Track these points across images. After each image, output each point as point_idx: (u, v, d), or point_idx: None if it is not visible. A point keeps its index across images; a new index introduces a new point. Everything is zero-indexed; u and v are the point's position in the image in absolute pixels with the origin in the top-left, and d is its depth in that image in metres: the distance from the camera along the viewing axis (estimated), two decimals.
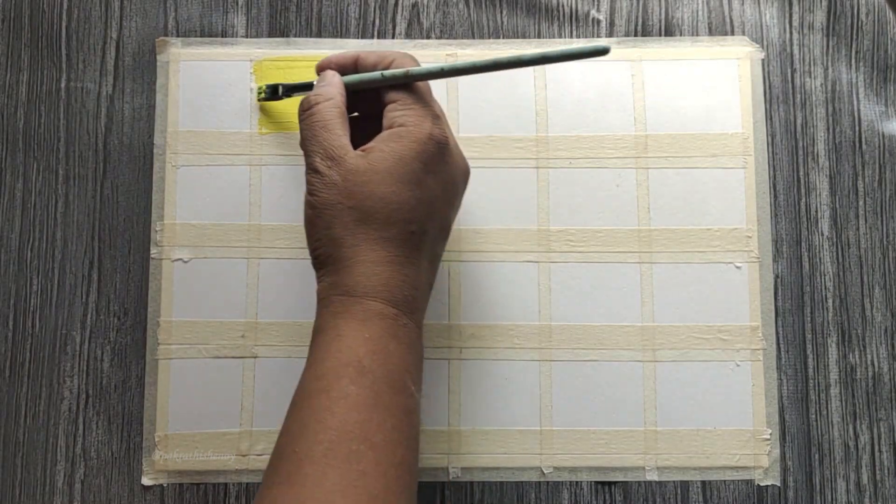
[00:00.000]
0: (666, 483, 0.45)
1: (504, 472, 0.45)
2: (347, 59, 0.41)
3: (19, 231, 0.47)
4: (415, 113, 0.38)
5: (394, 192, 0.36)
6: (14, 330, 0.46)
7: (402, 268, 0.36)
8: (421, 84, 0.39)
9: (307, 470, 0.32)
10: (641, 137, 0.47)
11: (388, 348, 0.35)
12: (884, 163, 0.48)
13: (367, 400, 0.34)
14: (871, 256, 0.47)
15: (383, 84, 0.39)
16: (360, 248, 0.36)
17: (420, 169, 0.37)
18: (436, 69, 0.38)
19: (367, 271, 0.36)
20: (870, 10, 0.49)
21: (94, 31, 0.48)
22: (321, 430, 0.33)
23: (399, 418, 0.34)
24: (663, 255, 0.46)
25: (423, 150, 0.37)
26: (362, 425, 0.33)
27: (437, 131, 0.37)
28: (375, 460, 0.33)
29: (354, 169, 0.36)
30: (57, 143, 0.48)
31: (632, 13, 0.49)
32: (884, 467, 0.45)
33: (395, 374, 0.35)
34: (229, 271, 0.46)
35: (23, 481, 0.45)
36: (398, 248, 0.36)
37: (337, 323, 0.36)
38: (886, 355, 0.46)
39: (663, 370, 0.46)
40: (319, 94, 0.39)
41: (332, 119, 0.38)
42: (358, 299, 0.36)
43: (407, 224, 0.36)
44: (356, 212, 0.36)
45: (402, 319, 0.36)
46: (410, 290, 0.37)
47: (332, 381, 0.34)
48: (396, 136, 0.37)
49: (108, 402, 0.46)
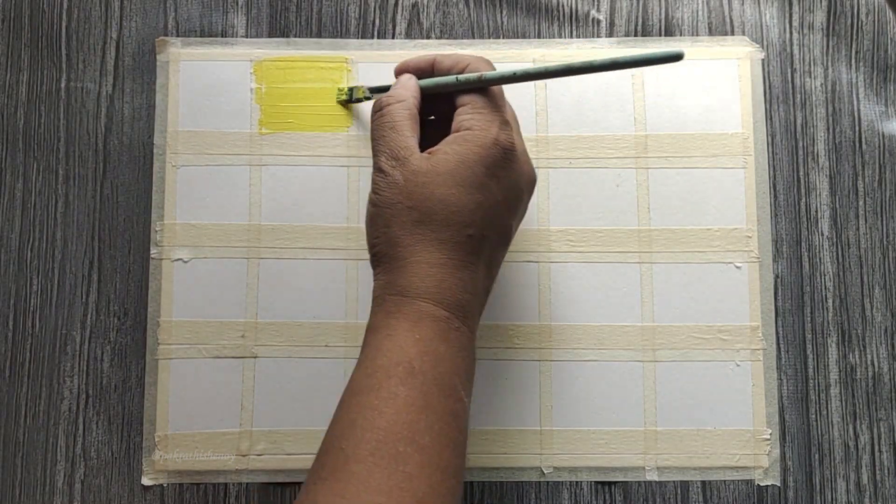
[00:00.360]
0: (666, 483, 0.45)
1: (504, 472, 0.45)
2: (424, 62, 0.41)
3: (19, 231, 0.47)
4: (483, 117, 0.37)
5: (453, 194, 0.36)
6: (14, 330, 0.46)
7: (456, 271, 0.36)
8: (494, 88, 0.39)
9: (353, 468, 0.32)
10: (641, 137, 0.47)
11: (438, 350, 0.35)
12: (884, 163, 0.48)
13: (416, 401, 0.34)
14: (871, 256, 0.47)
15: (457, 88, 0.39)
16: (416, 249, 0.36)
17: (483, 173, 0.36)
18: (508, 74, 0.38)
19: (422, 272, 0.36)
20: (870, 10, 0.49)
21: (94, 31, 0.49)
22: (369, 429, 0.33)
23: (447, 422, 0.34)
24: (663, 255, 0.46)
25: (488, 155, 0.37)
26: (410, 427, 0.33)
27: (504, 136, 0.37)
28: (422, 463, 0.32)
29: (417, 170, 0.36)
30: (57, 143, 0.48)
31: (632, 13, 0.49)
32: (884, 467, 0.45)
33: (445, 378, 0.35)
34: (229, 271, 0.46)
35: (23, 481, 0.45)
36: (454, 251, 0.36)
37: (389, 322, 0.36)
38: (886, 355, 0.46)
39: (663, 370, 0.46)
40: (392, 96, 0.39)
41: (402, 120, 0.38)
42: (411, 300, 0.36)
43: (465, 227, 0.36)
44: (415, 212, 0.36)
45: (454, 323, 0.36)
46: (464, 293, 0.36)
47: (382, 380, 0.34)
48: (462, 140, 0.37)
49: (108, 402, 0.46)
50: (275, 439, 0.45)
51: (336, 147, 0.47)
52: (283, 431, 0.45)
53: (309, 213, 0.47)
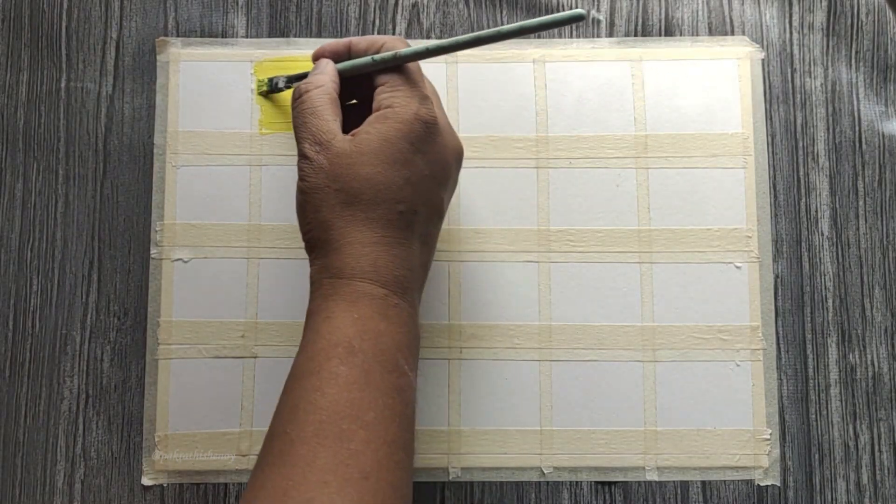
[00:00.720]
0: (666, 483, 0.45)
1: (504, 472, 0.45)
2: (340, 45, 0.41)
3: (19, 231, 0.47)
4: (402, 94, 0.38)
5: (379, 172, 0.36)
6: (14, 330, 0.46)
7: (390, 248, 0.36)
8: (411, 65, 0.39)
9: (299, 450, 0.32)
10: (641, 137, 0.47)
11: (378, 328, 0.35)
12: (884, 163, 0.48)
13: (357, 379, 0.34)
14: (871, 256, 0.47)
15: (374, 68, 0.39)
16: (348, 230, 0.36)
17: (407, 149, 0.37)
18: (421, 49, 0.38)
19: (356, 252, 0.36)
20: (870, 10, 0.49)
21: (94, 31, 0.49)
22: (312, 411, 0.33)
23: (391, 396, 0.34)
24: (663, 255, 0.46)
25: (410, 131, 0.37)
26: (353, 404, 0.33)
27: (425, 111, 0.37)
28: (366, 439, 0.33)
29: (341, 152, 0.36)
30: (57, 143, 0.48)
31: (632, 13, 0.49)
32: (884, 467, 0.45)
33: (387, 354, 0.35)
34: (229, 271, 0.46)
35: (23, 481, 0.45)
36: (386, 228, 0.36)
37: (327, 305, 0.36)
38: (886, 355, 0.46)
39: (663, 370, 0.46)
40: (310, 82, 0.39)
41: (322, 105, 0.38)
42: (347, 280, 0.36)
43: (394, 204, 0.36)
44: (343, 194, 0.36)
45: (392, 299, 0.36)
46: (400, 270, 0.37)
47: (322, 362, 0.34)
48: (383, 118, 0.37)
49: (108, 402, 0.46)
50: None
51: None
52: None
53: None
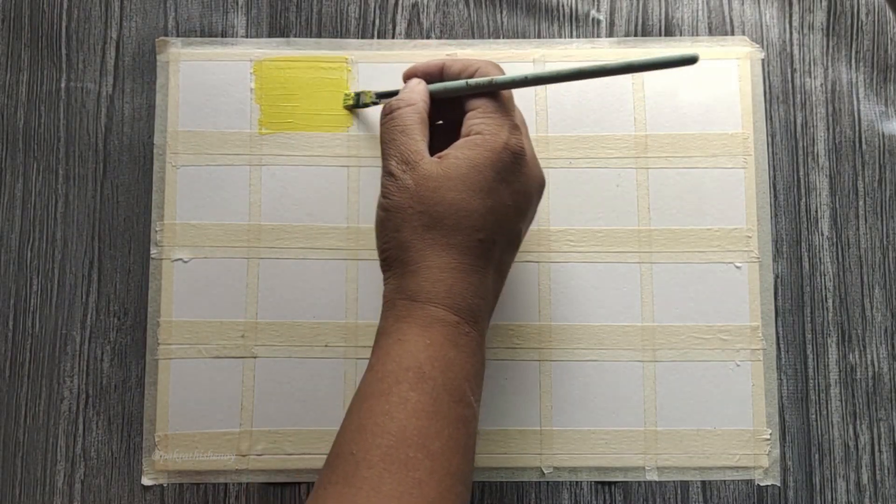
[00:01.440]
0: (666, 483, 0.45)
1: (504, 472, 0.45)
2: (433, 67, 0.41)
3: (19, 231, 0.47)
4: (493, 121, 0.37)
5: (464, 199, 0.36)
6: (14, 330, 0.46)
7: (467, 275, 0.36)
8: (504, 93, 0.39)
9: (364, 473, 0.32)
10: (641, 137, 0.47)
11: (448, 356, 0.35)
12: (884, 163, 0.48)
13: (426, 407, 0.34)
14: (871, 256, 0.47)
15: (467, 92, 0.39)
16: (427, 254, 0.36)
17: (493, 178, 0.36)
18: (519, 78, 0.38)
19: (432, 277, 0.36)
20: (870, 10, 0.49)
21: (94, 31, 0.49)
22: (379, 434, 0.33)
23: (457, 427, 0.34)
24: (663, 255, 0.46)
25: (498, 160, 0.37)
26: (420, 432, 0.33)
27: (514, 141, 0.37)
28: (431, 469, 0.32)
29: (427, 174, 0.36)
30: (57, 143, 0.48)
31: (632, 13, 0.49)
32: (884, 467, 0.45)
33: (455, 383, 0.35)
34: (229, 271, 0.46)
35: (23, 481, 0.45)
36: (464, 255, 0.36)
37: (400, 327, 0.36)
38: (886, 355, 0.46)
39: (663, 370, 0.46)
40: (401, 100, 0.39)
41: (412, 124, 0.38)
42: (421, 304, 0.36)
43: (475, 232, 0.36)
44: (425, 217, 0.36)
45: (464, 327, 0.36)
46: (475, 298, 0.36)
47: (392, 385, 0.34)
48: (472, 144, 0.37)
49: (108, 402, 0.46)
50: (275, 439, 0.45)
51: (336, 147, 0.47)
52: (283, 431, 0.45)
53: (309, 213, 0.47)
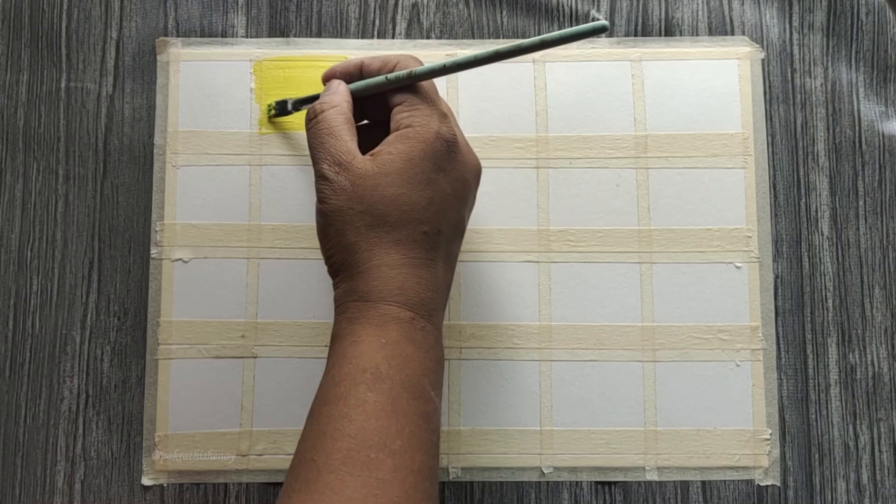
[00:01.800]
0: (666, 483, 0.45)
1: (504, 472, 0.45)
2: (351, 66, 0.40)
3: (19, 231, 0.47)
4: (421, 113, 0.37)
5: (403, 193, 0.36)
6: (14, 330, 0.46)
7: (417, 270, 0.36)
8: (426, 84, 0.38)
9: (326, 478, 0.32)
10: (641, 137, 0.47)
11: (405, 353, 0.35)
12: (884, 163, 0.48)
13: (385, 406, 0.33)
14: (871, 256, 0.47)
15: (388, 87, 0.39)
16: (374, 253, 0.36)
17: (430, 168, 0.36)
18: (438, 66, 0.38)
19: (382, 275, 0.35)
20: (870, 10, 0.49)
21: (94, 31, 0.49)
22: (339, 438, 0.33)
23: (418, 424, 0.34)
24: (663, 255, 0.46)
25: (432, 150, 0.36)
26: (380, 432, 0.33)
27: (445, 129, 0.37)
28: (394, 468, 0.32)
29: (363, 173, 0.36)
30: (57, 143, 0.48)
31: (632, 13, 0.49)
32: (884, 467, 0.45)
33: (414, 379, 0.35)
34: (229, 271, 0.46)
35: (23, 481, 0.45)
36: (412, 249, 0.36)
37: (353, 329, 0.35)
38: (886, 355, 0.46)
39: (663, 370, 0.46)
40: (324, 102, 0.39)
41: (338, 125, 0.37)
42: (373, 304, 0.35)
43: (419, 225, 0.36)
44: (367, 216, 0.36)
45: (419, 322, 0.36)
46: (427, 291, 0.36)
47: (350, 388, 0.34)
48: (404, 138, 0.37)
49: (108, 402, 0.46)
50: (275, 439, 0.45)
51: None
52: (283, 431, 0.45)
53: (309, 213, 0.47)
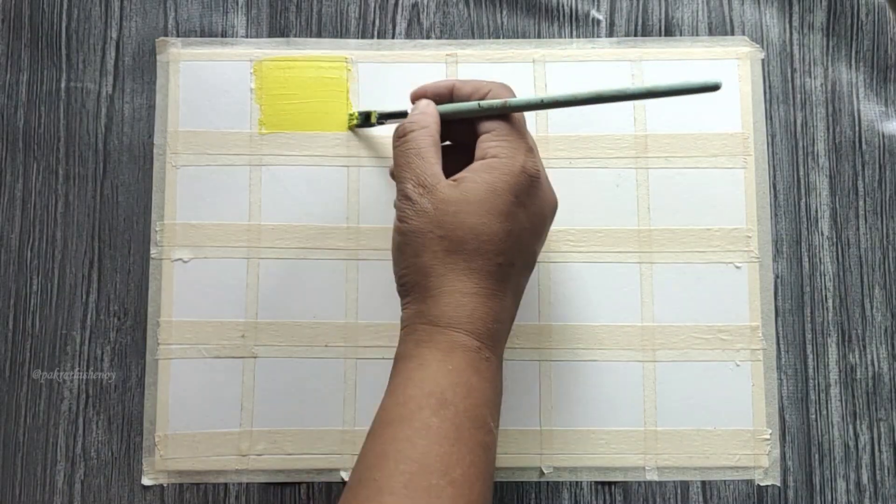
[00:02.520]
0: (666, 483, 0.45)
1: (504, 472, 0.45)
2: (442, 87, 0.40)
3: (19, 231, 0.47)
4: (509, 145, 0.37)
5: (484, 223, 0.36)
6: (14, 330, 0.46)
7: (487, 300, 0.36)
8: (516, 115, 0.39)
9: (386, 500, 0.32)
10: (641, 137, 0.47)
11: (470, 382, 0.35)
12: (884, 163, 0.48)
13: (448, 433, 0.33)
14: (871, 256, 0.47)
15: (479, 115, 0.38)
16: (448, 278, 0.36)
17: (512, 202, 0.36)
18: (534, 101, 0.38)
19: (454, 302, 0.36)
20: (870, 10, 0.49)
21: (94, 31, 0.49)
22: (401, 461, 0.33)
23: (478, 454, 0.34)
24: (663, 255, 0.46)
25: (516, 183, 0.36)
26: (443, 459, 0.33)
27: (531, 164, 0.37)
28: (453, 496, 0.32)
29: (446, 198, 0.36)
30: (57, 143, 0.48)
31: (632, 13, 0.49)
32: (884, 467, 0.45)
33: (476, 409, 0.35)
34: (229, 271, 0.46)
35: (23, 481, 0.45)
36: (485, 280, 0.36)
37: (420, 352, 0.35)
38: (886, 355, 0.46)
39: (663, 370, 0.46)
40: (414, 122, 0.39)
41: (426, 147, 0.38)
42: (442, 329, 0.35)
43: (496, 256, 0.36)
44: (446, 241, 0.36)
45: (484, 353, 0.36)
46: (494, 323, 0.36)
47: (414, 411, 0.34)
48: (489, 168, 0.37)
49: (108, 402, 0.46)
50: (275, 439, 0.45)
51: (336, 147, 0.47)
52: (283, 431, 0.45)
53: (309, 213, 0.47)
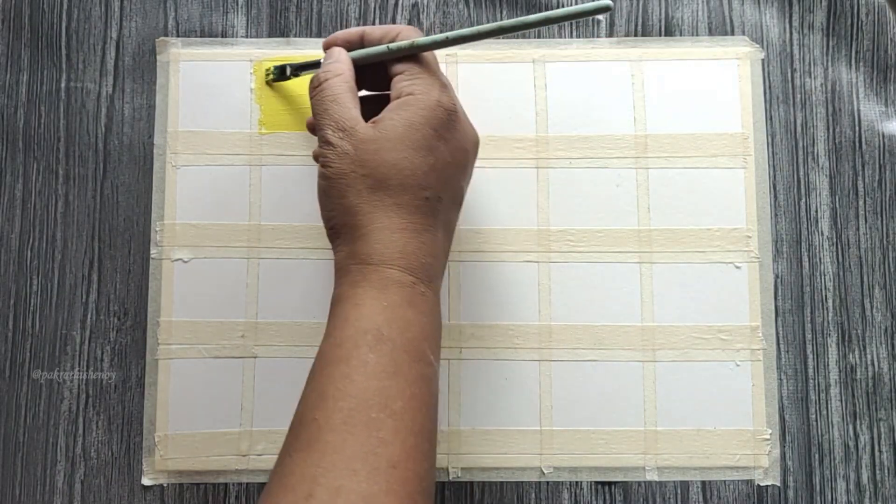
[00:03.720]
0: (666, 483, 0.45)
1: (504, 472, 0.45)
2: (353, 34, 0.41)
3: (19, 231, 0.47)
4: (422, 81, 0.38)
5: (405, 157, 0.36)
6: (14, 330, 0.46)
7: (418, 235, 0.36)
8: (427, 55, 0.39)
9: (327, 437, 0.32)
10: (641, 137, 0.47)
11: (406, 316, 0.35)
12: (884, 163, 0.48)
13: (386, 368, 0.34)
14: (871, 256, 0.47)
15: (390, 57, 0.39)
16: (375, 216, 0.36)
17: (431, 135, 0.37)
18: (440, 38, 0.38)
19: (384, 238, 0.36)
20: (870, 10, 0.49)
21: (94, 31, 0.49)
22: (340, 398, 0.33)
23: (418, 386, 0.35)
24: (663, 255, 0.46)
25: (433, 117, 0.37)
26: (381, 393, 0.33)
27: (446, 98, 0.38)
28: (395, 428, 0.33)
29: (365, 138, 0.36)
30: (57, 143, 0.48)
31: (632, 13, 0.49)
32: (884, 467, 0.45)
33: (414, 343, 0.35)
34: (229, 271, 0.46)
35: (23, 481, 0.45)
36: (413, 214, 0.36)
37: (355, 291, 0.36)
38: (886, 355, 0.46)
39: (663, 370, 0.46)
40: (328, 71, 0.39)
41: (342, 93, 0.38)
42: (375, 267, 0.36)
43: (420, 190, 0.37)
44: (369, 179, 0.36)
45: (419, 287, 0.36)
46: (427, 257, 0.37)
47: (351, 349, 0.34)
48: (405, 105, 0.37)
49: (108, 402, 0.46)
50: (275, 439, 0.45)
51: None
52: (283, 431, 0.45)
53: (309, 213, 0.47)
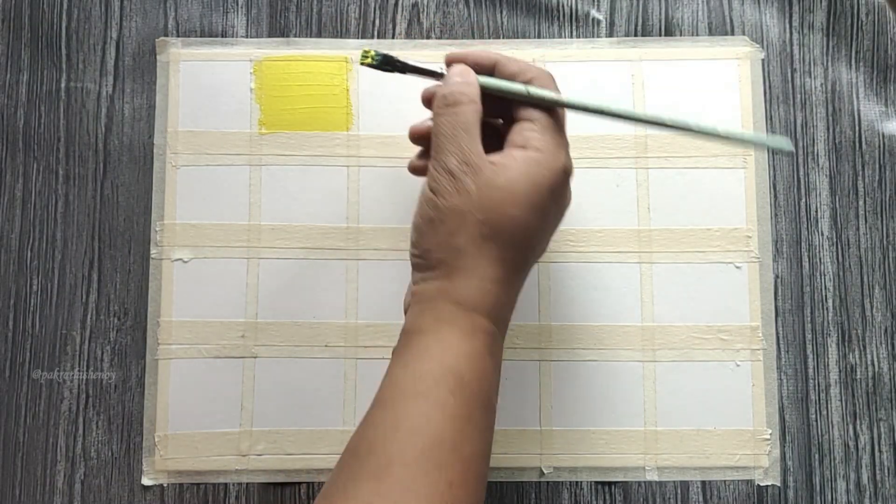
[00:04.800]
0: (666, 483, 0.45)
1: (504, 472, 0.45)
2: (485, 59, 0.39)
3: (19, 231, 0.47)
4: (551, 139, 0.37)
5: (524, 216, 0.36)
6: (14, 330, 0.46)
7: (509, 288, 0.37)
8: (560, 111, 0.38)
9: (398, 471, 0.32)
10: (641, 137, 0.47)
11: (486, 366, 0.35)
12: (884, 163, 0.48)
13: (462, 412, 0.34)
14: (871, 256, 0.47)
15: (524, 100, 0.38)
16: (481, 263, 0.36)
17: (548, 198, 0.36)
18: (591, 106, 0.38)
19: (483, 287, 0.36)
20: (870, 10, 0.49)
21: (94, 31, 0.49)
22: (416, 434, 0.33)
23: (484, 435, 0.35)
24: (663, 255, 0.46)
25: (555, 181, 0.36)
26: (455, 436, 0.33)
27: (569, 164, 0.38)
28: (463, 472, 0.33)
29: (491, 184, 0.35)
30: (57, 143, 0.48)
31: (632, 13, 0.49)
32: (884, 467, 0.45)
33: (487, 392, 0.35)
34: (229, 271, 0.46)
35: (23, 481, 0.45)
36: (511, 269, 0.36)
37: (440, 328, 0.35)
38: (886, 355, 0.46)
39: (663, 370, 0.46)
40: (465, 94, 0.37)
41: (474, 123, 0.37)
42: (468, 312, 0.36)
43: (525, 249, 0.37)
44: (486, 227, 0.35)
45: (498, 338, 0.36)
46: (508, 310, 0.37)
47: (431, 387, 0.34)
48: (533, 162, 0.36)
49: (108, 402, 0.46)
50: (275, 439, 0.45)
51: (336, 147, 0.47)
52: (283, 431, 0.45)
53: (309, 213, 0.47)
